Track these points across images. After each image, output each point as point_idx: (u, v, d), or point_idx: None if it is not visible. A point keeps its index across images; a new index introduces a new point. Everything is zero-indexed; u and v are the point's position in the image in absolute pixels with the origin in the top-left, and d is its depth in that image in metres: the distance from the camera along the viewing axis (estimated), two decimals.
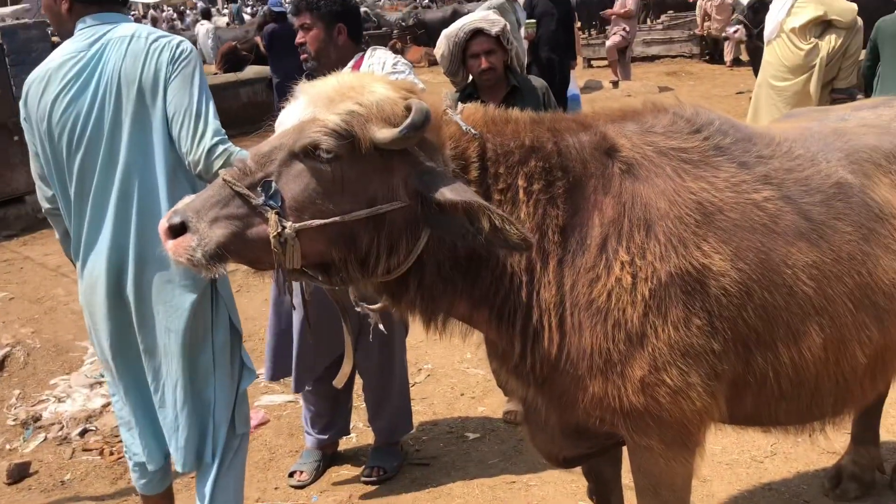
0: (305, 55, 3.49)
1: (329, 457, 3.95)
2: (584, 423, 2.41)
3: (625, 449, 2.56)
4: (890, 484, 3.37)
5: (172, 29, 18.15)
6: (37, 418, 4.62)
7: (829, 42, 6.50)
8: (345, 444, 4.12)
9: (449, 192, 1.98)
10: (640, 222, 2.19)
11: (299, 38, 3.48)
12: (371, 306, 2.40)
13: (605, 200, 2.21)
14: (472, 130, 2.14)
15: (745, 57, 14.04)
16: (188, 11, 31.18)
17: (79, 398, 4.85)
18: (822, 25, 6.54)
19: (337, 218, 2.00)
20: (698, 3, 16.95)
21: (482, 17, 4.02)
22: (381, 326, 2.57)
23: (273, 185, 1.98)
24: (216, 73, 13.46)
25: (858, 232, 2.33)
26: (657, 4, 20.52)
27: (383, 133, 1.97)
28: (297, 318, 3.53)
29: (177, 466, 2.93)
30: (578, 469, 3.09)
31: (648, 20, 20.33)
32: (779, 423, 2.59)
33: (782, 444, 3.76)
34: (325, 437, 3.88)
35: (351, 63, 3.43)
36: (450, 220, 2.02)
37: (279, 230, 1.96)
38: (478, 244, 2.06)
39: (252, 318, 5.35)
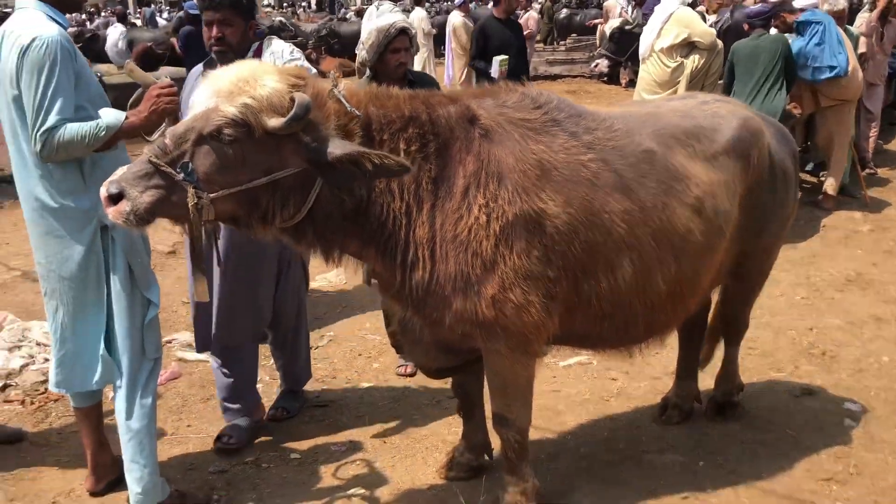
0: (222, 47, 3.67)
1: None
2: (450, 338, 3.01)
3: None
4: (705, 412, 4.04)
5: (80, 31, 17.78)
6: None
7: (693, 61, 7.38)
8: None
9: (334, 150, 2.53)
10: (493, 175, 2.78)
11: (216, 33, 3.67)
12: None
13: (468, 158, 2.79)
14: (356, 112, 2.65)
15: None
16: (99, 15, 30.63)
17: None
18: (688, 47, 7.41)
19: (241, 187, 2.54)
20: (598, 28, 18.04)
21: (403, 18, 4.59)
22: None
23: (190, 165, 2.49)
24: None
25: (660, 188, 3.00)
26: (562, 28, 21.52)
27: (273, 122, 2.49)
28: (217, 286, 3.79)
29: (81, 387, 3.31)
30: (451, 406, 3.65)
31: (555, 42, 21.41)
32: (605, 341, 3.24)
33: (627, 387, 4.43)
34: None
35: (251, 51, 3.80)
36: (342, 172, 2.56)
37: (196, 200, 2.49)
38: (370, 181, 2.61)
39: (167, 294, 5.72)
